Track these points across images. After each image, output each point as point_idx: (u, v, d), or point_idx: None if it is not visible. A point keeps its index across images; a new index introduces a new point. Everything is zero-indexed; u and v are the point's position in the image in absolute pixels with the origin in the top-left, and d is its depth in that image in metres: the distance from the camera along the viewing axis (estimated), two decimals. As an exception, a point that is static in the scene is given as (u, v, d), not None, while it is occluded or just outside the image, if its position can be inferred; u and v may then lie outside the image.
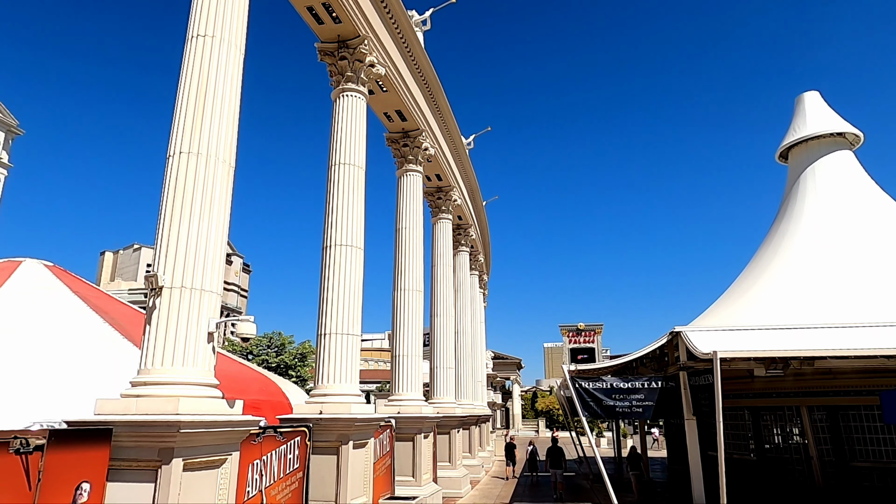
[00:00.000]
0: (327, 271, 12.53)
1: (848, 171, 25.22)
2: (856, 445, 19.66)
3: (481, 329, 36.63)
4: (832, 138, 26.19)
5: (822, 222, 23.70)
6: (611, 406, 17.10)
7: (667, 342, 17.72)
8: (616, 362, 18.04)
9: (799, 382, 20.54)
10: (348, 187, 12.98)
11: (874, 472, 19.22)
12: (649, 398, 17.11)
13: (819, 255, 22.30)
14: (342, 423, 11.23)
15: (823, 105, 27.20)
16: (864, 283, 20.11)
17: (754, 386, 21.83)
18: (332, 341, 12.10)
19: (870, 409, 19.58)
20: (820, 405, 20.25)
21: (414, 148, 18.37)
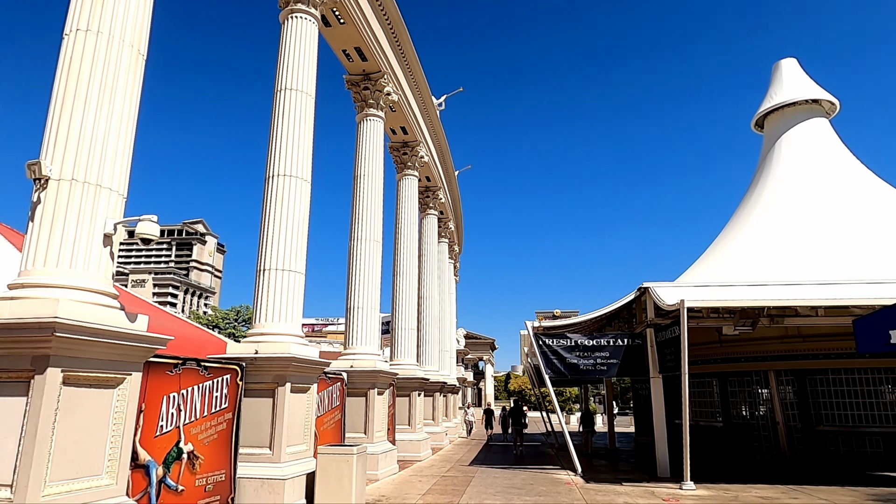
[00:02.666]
0: (269, 203, 11.51)
1: (822, 138, 24.83)
2: (822, 410, 19.39)
3: (451, 301, 35.87)
4: (808, 105, 25.77)
5: (795, 188, 23.29)
6: (574, 364, 16.45)
7: (635, 298, 17.10)
8: (583, 318, 17.38)
9: (767, 346, 20.19)
10: (295, 114, 11.93)
11: (839, 437, 18.98)
12: (614, 356, 16.50)
13: (790, 220, 21.88)
14: (279, 362, 10.29)
15: (800, 72, 26.75)
16: (833, 245, 19.72)
17: (722, 351, 21.45)
18: (273, 277, 11.12)
19: (837, 373, 19.31)
20: (787, 369, 19.92)
21: (375, 91, 17.31)
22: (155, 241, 6.89)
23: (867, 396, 18.90)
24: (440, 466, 17.58)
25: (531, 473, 16.39)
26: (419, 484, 13.99)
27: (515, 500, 11.92)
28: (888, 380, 18.81)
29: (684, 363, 13.46)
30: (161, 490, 8.09)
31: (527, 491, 13.17)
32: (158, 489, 8.04)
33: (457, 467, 17.55)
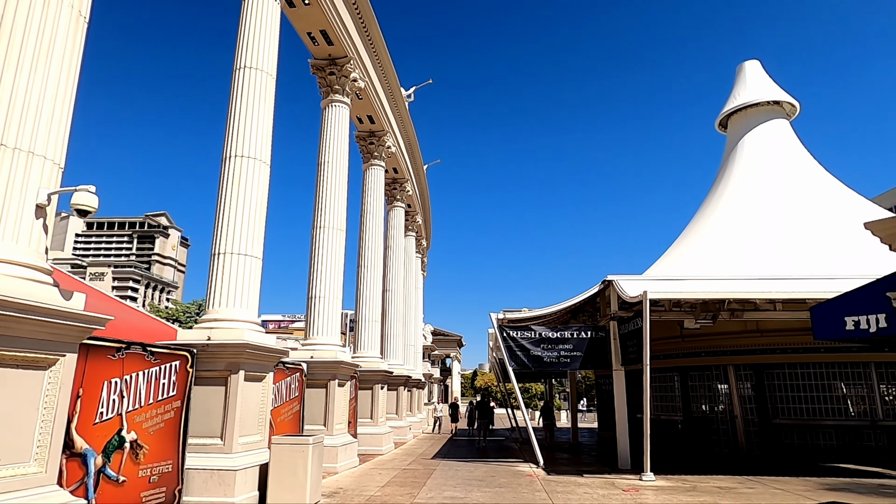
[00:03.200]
0: (225, 185, 11.07)
1: (782, 138, 25.39)
2: (778, 404, 19.80)
3: (418, 295, 35.61)
4: (769, 107, 26.32)
5: (755, 187, 23.76)
6: (538, 356, 16.39)
7: (600, 291, 17.13)
8: (547, 311, 17.32)
9: (726, 341, 20.52)
10: (254, 94, 11.51)
11: (794, 430, 19.41)
12: (578, 348, 16.49)
13: (750, 218, 22.29)
14: (232, 349, 9.89)
15: (763, 74, 27.31)
16: (790, 242, 20.15)
17: (683, 345, 21.74)
18: (228, 262, 10.70)
19: (793, 368, 19.74)
20: (746, 363, 20.28)
21: (341, 77, 16.92)
22: (93, 212, 6.46)
23: (821, 391, 19.38)
24: (402, 460, 17.33)
25: (493, 466, 16.27)
26: (379, 476, 13.72)
27: (475, 492, 11.76)
28: (841, 375, 19.31)
29: (646, 355, 13.50)
30: (100, 481, 7.65)
31: (487, 483, 13.03)
32: (97, 480, 7.59)
33: (419, 460, 17.32)
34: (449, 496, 11.27)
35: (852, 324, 7.49)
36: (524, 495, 11.50)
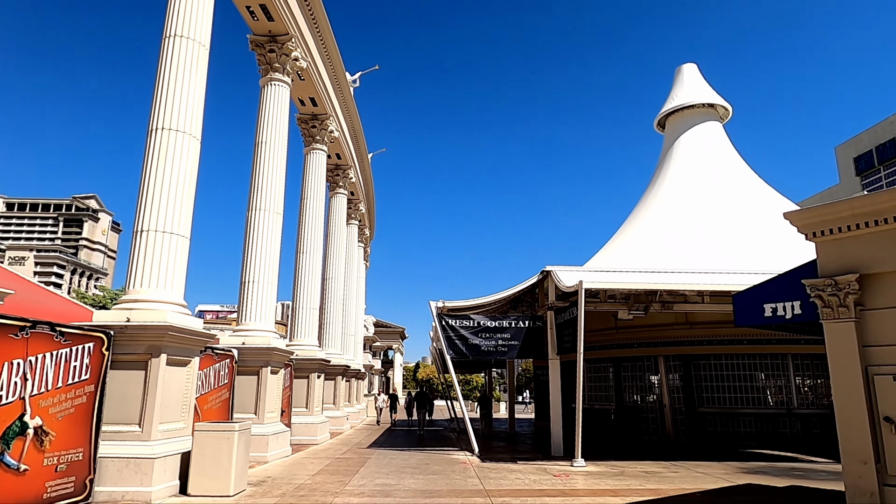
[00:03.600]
0: (151, 158, 10.47)
1: (715, 140, 26.42)
2: (703, 393, 20.65)
3: (360, 285, 35.17)
4: (704, 109, 27.32)
5: (688, 186, 24.61)
6: (476, 344, 16.44)
7: (538, 282, 17.33)
8: (487, 300, 17.39)
9: (658, 332, 21.23)
10: (185, 64, 10.92)
11: (718, 418, 20.31)
12: (515, 338, 16.65)
13: (682, 215, 23.08)
14: (154, 331, 9.38)
15: (699, 77, 28.32)
16: (719, 239, 20.97)
17: (617, 337, 22.35)
18: (151, 240, 10.13)
19: (718, 359, 20.61)
20: (675, 354, 21.05)
21: (282, 55, 16.36)
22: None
23: (743, 381, 20.34)
24: (336, 449, 17.05)
25: (429, 455, 16.24)
26: (311, 465, 13.42)
27: (408, 479, 11.66)
28: (762, 366, 20.33)
29: (580, 343, 13.75)
30: (-3, 469, 7.08)
31: (421, 470, 12.97)
32: (-7, 468, 7.03)
33: (354, 450, 17.09)
34: (381, 483, 11.13)
35: (770, 310, 7.81)
36: (457, 481, 11.50)
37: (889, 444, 6.41)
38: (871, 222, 6.71)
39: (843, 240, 6.98)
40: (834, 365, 6.90)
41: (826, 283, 6.95)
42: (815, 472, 13.32)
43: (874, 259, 6.70)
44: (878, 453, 6.49)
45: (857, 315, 6.79)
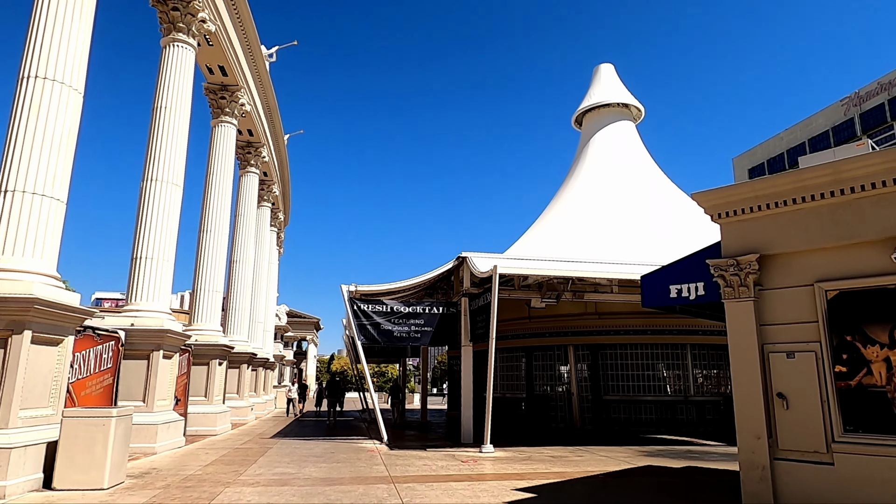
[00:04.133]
0: (19, 110, 9.22)
1: (628, 139, 27.37)
2: (609, 381, 21.31)
3: (271, 271, 33.68)
4: (619, 108, 28.23)
5: (601, 183, 25.34)
6: (389, 330, 15.99)
7: (454, 268, 17.11)
8: (402, 285, 16.97)
9: (568, 322, 21.69)
10: (67, 4, 9.69)
11: (621, 405, 21.02)
12: (429, 324, 16.34)
13: (594, 210, 23.72)
14: (16, 304, 8.22)
15: (615, 77, 29.24)
16: (628, 232, 21.66)
17: (531, 326, 22.63)
18: (18, 201, 8.90)
19: (623, 349, 21.33)
20: (584, 344, 21.59)
21: (187, 15, 15.09)
22: None
23: (645, 370, 21.17)
24: (237, 440, 16.08)
25: (336, 444, 15.64)
26: (205, 456, 12.48)
27: (310, 468, 11.06)
28: (663, 356, 21.24)
29: (492, 328, 13.64)
30: None
31: (326, 459, 12.39)
32: None
33: (256, 440, 16.18)
34: (279, 472, 10.46)
35: (675, 291, 7.93)
36: (361, 469, 11.04)
37: (781, 420, 6.61)
38: (771, 204, 6.89)
39: (745, 221, 7.14)
40: (733, 343, 7.06)
41: (728, 264, 7.09)
42: (708, 455, 13.96)
43: (773, 240, 6.90)
44: (771, 429, 6.69)
45: (756, 295, 6.97)
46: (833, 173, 6.35)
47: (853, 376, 6.18)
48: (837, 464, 6.15)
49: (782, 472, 6.52)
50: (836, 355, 6.32)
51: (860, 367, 6.15)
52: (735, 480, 7.05)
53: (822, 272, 6.52)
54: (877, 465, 5.90)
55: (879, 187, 6.12)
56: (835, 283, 6.41)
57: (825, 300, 6.45)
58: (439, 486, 9.26)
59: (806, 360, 6.50)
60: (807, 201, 6.61)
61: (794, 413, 6.52)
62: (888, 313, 6.03)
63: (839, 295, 6.37)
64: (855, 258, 6.30)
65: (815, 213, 6.59)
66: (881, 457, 5.90)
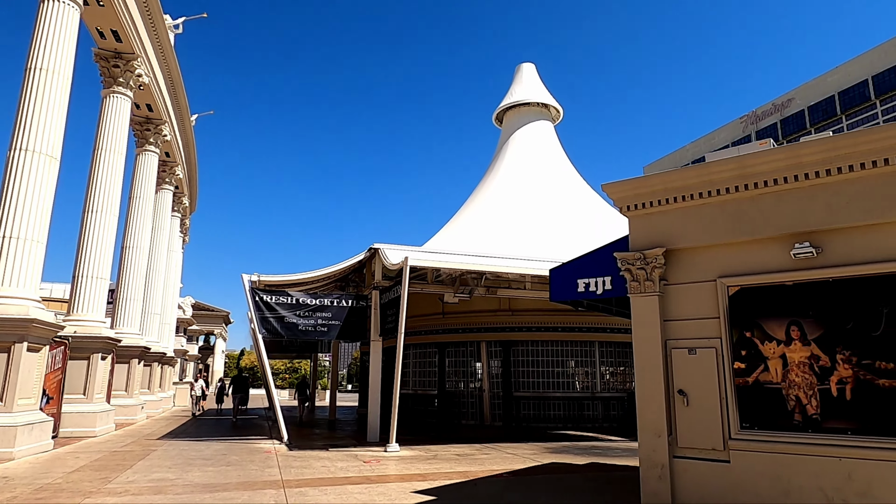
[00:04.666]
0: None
1: (546, 139, 27.68)
2: (520, 378, 21.39)
3: (173, 260, 31.45)
4: (538, 108, 28.52)
5: (518, 180, 25.46)
6: (294, 323, 15.09)
7: (366, 260, 16.43)
8: (310, 275, 16.10)
9: (482, 318, 21.58)
10: None
11: (531, 401, 21.15)
12: (337, 317, 15.59)
13: (510, 207, 23.76)
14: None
15: (536, 77, 29.53)
16: (541, 229, 21.78)
17: (444, 322, 22.35)
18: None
19: (535, 345, 21.47)
20: (497, 340, 21.54)
21: (71, -32, 13.46)
22: None
23: (555, 366, 21.42)
24: (118, 442, 14.61)
25: (230, 444, 14.57)
26: (73, 461, 11.12)
27: (194, 472, 10.07)
28: (572, 352, 21.58)
29: (401, 322, 13.12)
30: None
31: (215, 462, 11.39)
32: None
33: (141, 441, 14.78)
34: (156, 478, 9.42)
35: (583, 286, 7.74)
36: (253, 472, 10.18)
37: (681, 417, 6.52)
38: (678, 198, 6.79)
39: (653, 214, 7.02)
40: (637, 339, 6.92)
41: (635, 257, 6.95)
42: (611, 450, 14.14)
43: (679, 234, 6.81)
44: (671, 426, 6.59)
45: (661, 289, 6.86)
46: (738, 168, 6.32)
47: (751, 373, 6.16)
48: (733, 461, 6.11)
49: (681, 471, 6.43)
50: (736, 352, 6.29)
51: (758, 363, 6.14)
52: (636, 476, 6.91)
53: (725, 268, 6.49)
54: (769, 462, 5.89)
55: (781, 183, 6.13)
56: (737, 278, 6.38)
57: (727, 296, 6.41)
58: (334, 490, 8.62)
59: (707, 356, 6.44)
60: (713, 196, 6.56)
61: (693, 410, 6.45)
62: (785, 310, 6.05)
63: (740, 291, 6.35)
64: (756, 254, 6.29)
65: (720, 208, 6.54)
66: (773, 454, 5.90)
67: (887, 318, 5.46)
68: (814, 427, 5.71)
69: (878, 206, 5.61)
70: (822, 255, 5.89)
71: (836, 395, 5.62)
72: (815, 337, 5.82)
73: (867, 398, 5.46)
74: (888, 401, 5.35)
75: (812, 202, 5.96)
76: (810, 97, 66.10)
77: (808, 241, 5.90)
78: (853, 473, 5.40)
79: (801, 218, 6.00)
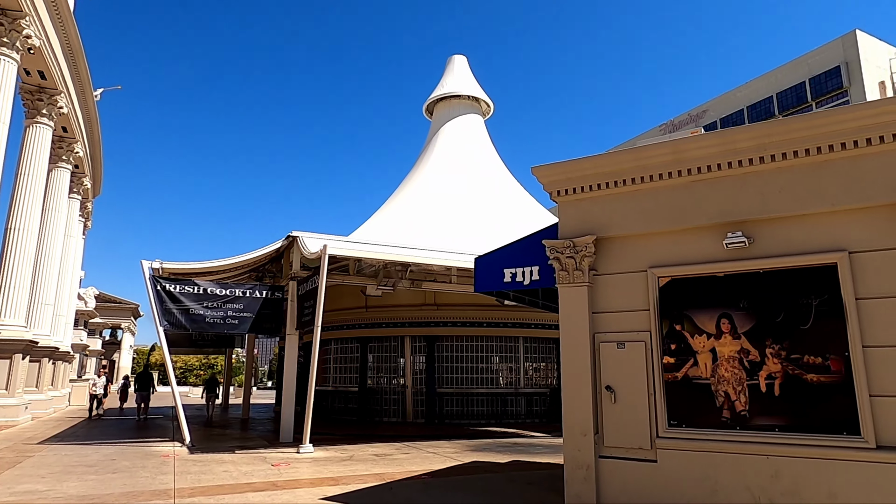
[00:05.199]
0: None
1: (475, 132, 27.37)
2: (444, 374, 20.94)
3: (71, 246, 28.75)
4: (469, 101, 28.15)
5: (446, 173, 24.99)
6: (200, 315, 13.87)
7: (284, 248, 15.41)
8: (220, 263, 14.90)
9: (407, 312, 20.96)
10: None
11: (454, 398, 20.75)
12: (249, 309, 14.48)
13: (437, 199, 23.25)
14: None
15: (468, 69, 29.14)
16: (467, 223, 21.41)
17: (367, 316, 21.56)
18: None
19: (460, 341, 21.08)
20: (421, 335, 20.98)
21: None
22: None
23: (479, 362, 21.13)
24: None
25: (124, 448, 13.18)
26: (-77, 472, 9.56)
27: (71, 482, 8.86)
28: (497, 348, 21.36)
29: (318, 314, 12.27)
30: None
31: (100, 469, 10.15)
32: None
33: (16, 447, 13.10)
34: (22, 491, 8.17)
35: (510, 276, 7.28)
36: (141, 480, 9.08)
37: (608, 415, 6.17)
38: (611, 183, 6.44)
39: (584, 200, 6.64)
40: (565, 332, 6.52)
41: (565, 245, 6.54)
42: (534, 447, 13.92)
43: (610, 222, 6.46)
44: (598, 425, 6.23)
45: (591, 280, 6.49)
46: (673, 152, 6.03)
47: (680, 368, 5.89)
48: (660, 461, 5.81)
49: (606, 471, 6.08)
50: (666, 346, 6.01)
51: (688, 358, 5.88)
52: (559, 475, 6.52)
53: (656, 258, 6.19)
54: (696, 461, 5.63)
55: (715, 170, 5.89)
56: (668, 269, 6.09)
57: (657, 287, 6.12)
58: (232, 500, 7.74)
59: (636, 350, 6.12)
60: (646, 182, 6.25)
61: (621, 407, 6.11)
62: (716, 302, 5.82)
63: (671, 282, 6.07)
64: (688, 244, 6.03)
65: (652, 195, 6.24)
66: (701, 452, 5.64)
67: (817, 311, 5.30)
68: (742, 424, 5.49)
69: (808, 195, 5.45)
70: (753, 246, 5.68)
71: (765, 391, 5.42)
72: (746, 330, 5.61)
73: (796, 394, 5.28)
74: (816, 396, 5.19)
75: (745, 190, 5.75)
76: (722, 110, 69.94)
77: (740, 230, 5.68)
78: (780, 472, 5.20)
79: (734, 207, 5.78)
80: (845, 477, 4.93)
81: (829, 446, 5.04)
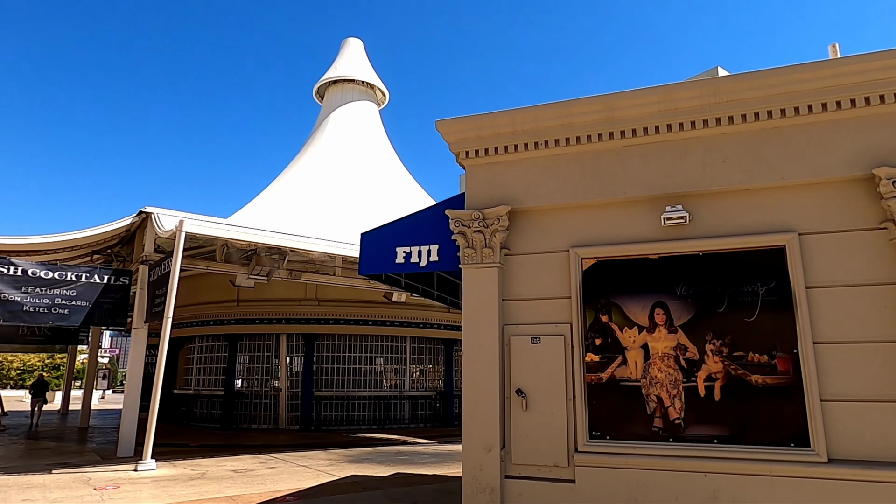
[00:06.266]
0: None
1: (368, 119, 25.90)
2: (323, 376, 19.20)
3: None
4: (363, 87, 26.61)
5: (335, 159, 23.34)
6: (17, 302, 11.21)
7: (136, 226, 12.99)
8: (49, 239, 12.25)
9: (285, 308, 19.01)
10: None
11: (334, 402, 19.07)
12: (85, 296, 11.97)
13: (323, 186, 21.56)
14: None
15: (363, 55, 27.57)
16: (356, 212, 19.91)
17: (239, 311, 19.31)
18: None
19: (343, 340, 19.47)
20: (300, 333, 19.10)
21: None
22: None
23: (362, 363, 19.61)
24: None
25: None
26: None
27: None
28: (383, 348, 19.97)
29: (170, 301, 10.19)
30: None
31: None
32: None
33: None
34: None
35: (403, 256, 5.98)
36: None
37: (518, 425, 5.05)
38: (530, 144, 5.37)
39: (497, 164, 5.51)
40: (469, 322, 5.32)
41: (473, 217, 5.36)
42: (419, 455, 12.72)
43: (527, 191, 5.38)
44: (505, 437, 5.09)
45: (502, 261, 5.36)
46: (604, 110, 5.06)
47: (606, 367, 4.91)
48: (579, 481, 4.78)
49: (514, 494, 4.95)
50: (590, 340, 5.01)
51: (615, 355, 4.92)
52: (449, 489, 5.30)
53: (580, 235, 5.19)
54: (622, 480, 4.67)
55: (652, 134, 4.99)
56: (593, 248, 5.11)
57: (581, 270, 5.11)
58: (15, 545, 5.72)
59: (554, 345, 5.07)
60: (571, 144, 5.24)
61: (534, 416, 5.02)
62: (649, 289, 4.91)
63: (597, 264, 5.09)
64: (618, 220, 5.09)
65: (578, 161, 5.24)
66: (627, 469, 4.69)
67: (763, 302, 4.53)
68: (675, 435, 4.60)
69: (755, 167, 4.70)
70: (692, 224, 4.85)
71: (704, 395, 4.57)
72: (683, 323, 4.75)
73: (738, 398, 4.48)
74: (761, 401, 4.41)
75: (685, 159, 4.91)
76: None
77: (679, 204, 4.81)
78: (719, 491, 4.35)
79: (672, 178, 4.92)
80: (793, 496, 4.16)
81: (775, 461, 4.27)
